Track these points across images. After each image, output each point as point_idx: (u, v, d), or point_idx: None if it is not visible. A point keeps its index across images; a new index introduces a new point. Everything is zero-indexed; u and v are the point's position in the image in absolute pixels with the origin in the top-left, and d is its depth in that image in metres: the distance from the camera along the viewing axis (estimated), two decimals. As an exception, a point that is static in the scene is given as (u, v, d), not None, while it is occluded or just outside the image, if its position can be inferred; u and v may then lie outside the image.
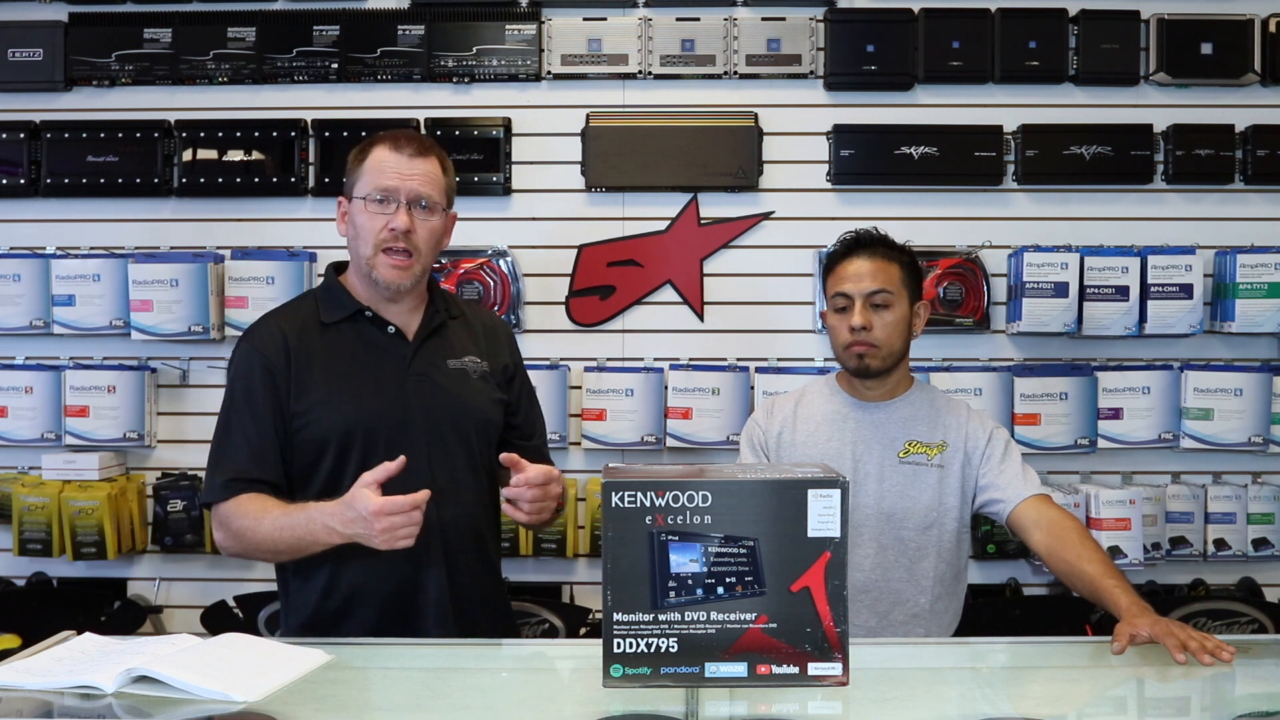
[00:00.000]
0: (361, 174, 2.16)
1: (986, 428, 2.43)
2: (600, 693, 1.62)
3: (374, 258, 2.13)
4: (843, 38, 3.46)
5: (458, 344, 2.24)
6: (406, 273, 2.13)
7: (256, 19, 3.50)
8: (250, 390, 2.13)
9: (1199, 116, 3.47)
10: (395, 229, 2.10)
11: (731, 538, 1.62)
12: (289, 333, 2.16)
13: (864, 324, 2.35)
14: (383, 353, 2.17)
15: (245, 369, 2.15)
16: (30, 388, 3.48)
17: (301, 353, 2.14)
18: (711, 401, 3.42)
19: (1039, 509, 2.29)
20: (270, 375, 2.13)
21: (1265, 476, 3.48)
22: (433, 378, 2.18)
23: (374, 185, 2.13)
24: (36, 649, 1.83)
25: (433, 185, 2.15)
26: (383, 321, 2.18)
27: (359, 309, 2.18)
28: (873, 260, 2.39)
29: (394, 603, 2.11)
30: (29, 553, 3.41)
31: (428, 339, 2.20)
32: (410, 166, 2.13)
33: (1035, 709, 1.77)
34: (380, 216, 2.12)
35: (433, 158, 2.17)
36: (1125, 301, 3.36)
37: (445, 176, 2.20)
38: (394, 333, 2.18)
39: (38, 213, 3.55)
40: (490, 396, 2.23)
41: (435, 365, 2.19)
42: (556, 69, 3.49)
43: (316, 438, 2.11)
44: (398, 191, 2.12)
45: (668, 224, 3.52)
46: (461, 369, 2.21)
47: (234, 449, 2.13)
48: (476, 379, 2.22)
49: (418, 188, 2.13)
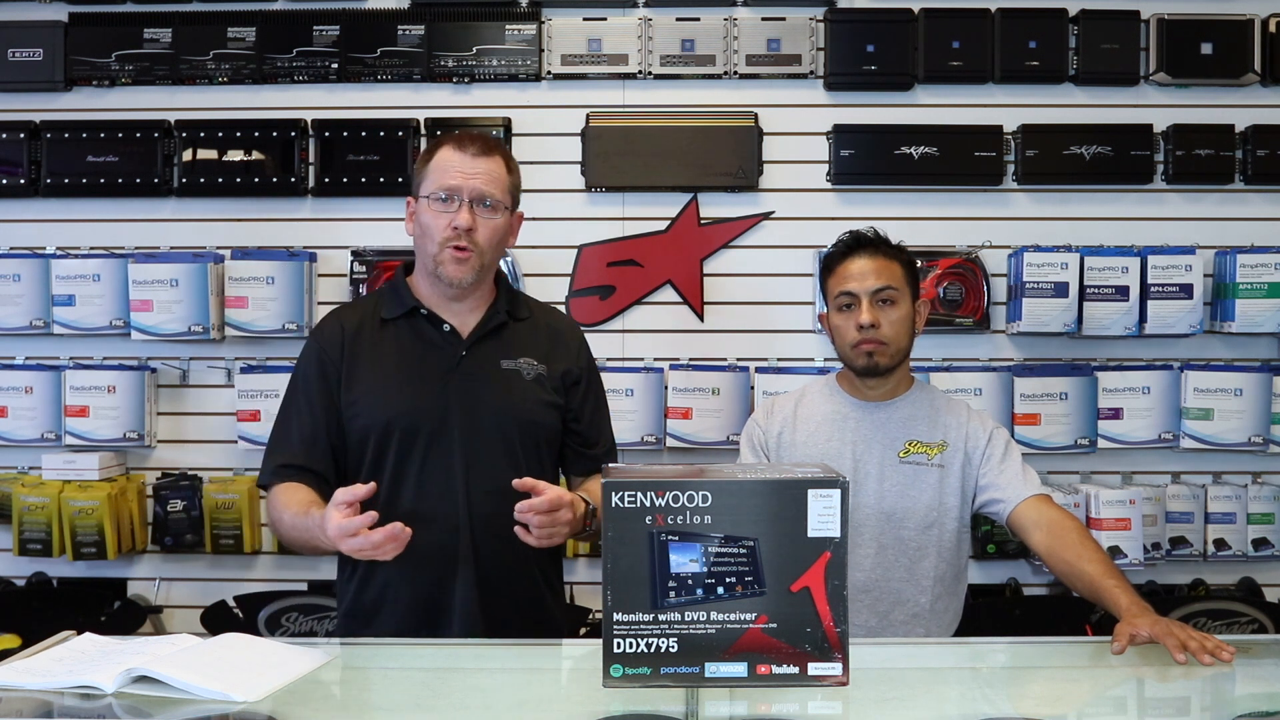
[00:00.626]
0: (427, 174, 2.19)
1: (987, 428, 2.43)
2: (600, 693, 1.62)
3: (439, 254, 2.16)
4: (843, 38, 3.46)
5: (515, 345, 2.24)
6: (466, 266, 2.15)
7: (256, 19, 3.50)
8: (307, 380, 2.22)
9: (1199, 116, 3.47)
10: (458, 227, 2.14)
11: (731, 538, 1.62)
12: (348, 326, 2.22)
13: (872, 321, 2.34)
14: (434, 350, 2.20)
15: (305, 360, 2.24)
16: (30, 388, 3.48)
17: (357, 346, 2.20)
18: (711, 401, 3.42)
19: (1039, 509, 2.29)
20: (324, 367, 2.20)
21: (1265, 476, 3.48)
22: (480, 377, 2.19)
23: (438, 184, 2.16)
24: (36, 649, 1.83)
25: (495, 184, 2.18)
26: (438, 320, 2.21)
27: (415, 306, 2.22)
28: (875, 259, 2.39)
29: (422, 602, 2.14)
30: (29, 553, 3.41)
31: (483, 339, 2.22)
32: (473, 165, 2.16)
33: (1035, 709, 1.77)
34: (444, 215, 2.15)
35: (497, 157, 2.20)
36: (1125, 301, 3.36)
37: (509, 176, 2.22)
38: (448, 331, 2.21)
39: (38, 213, 3.55)
40: (541, 399, 2.23)
41: (486, 365, 2.20)
42: (556, 69, 3.49)
43: (361, 429, 2.17)
44: (460, 190, 2.15)
45: (668, 224, 3.52)
46: (515, 370, 2.22)
47: (286, 436, 2.21)
48: (530, 380, 2.22)
49: (480, 186, 2.16)
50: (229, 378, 3.50)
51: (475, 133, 2.25)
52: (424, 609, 2.14)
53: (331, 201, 3.53)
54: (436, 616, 2.14)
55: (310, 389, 2.20)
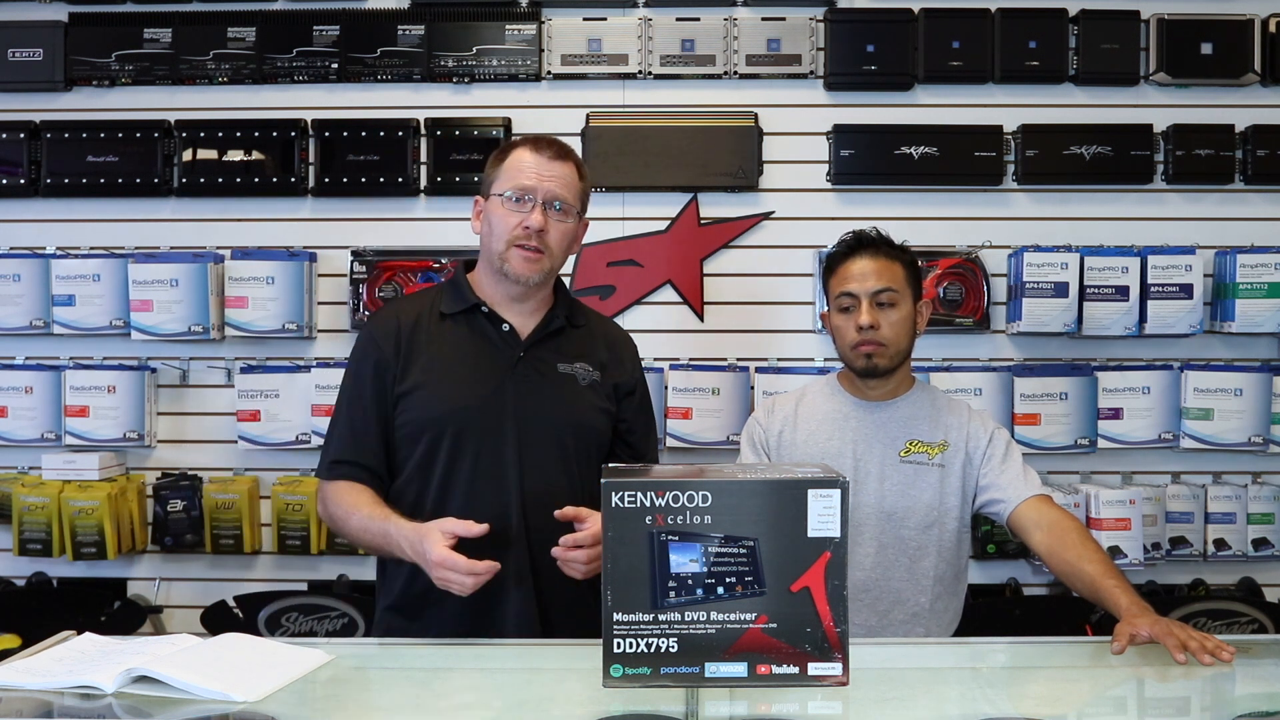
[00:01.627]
0: (501, 173, 2.20)
1: (988, 428, 2.43)
2: (600, 693, 1.62)
3: (506, 252, 2.16)
4: (843, 38, 3.46)
5: (572, 350, 2.25)
6: (536, 266, 2.16)
7: (256, 19, 3.50)
8: (360, 375, 2.21)
9: (1199, 116, 3.47)
10: (530, 227, 2.14)
11: (731, 538, 1.62)
12: (404, 320, 2.22)
13: (872, 323, 2.34)
14: (492, 348, 2.20)
15: (360, 354, 2.24)
16: (30, 388, 3.48)
17: (414, 340, 2.20)
18: (711, 401, 3.42)
19: (1040, 509, 2.29)
20: (379, 360, 2.19)
21: (1265, 476, 3.48)
22: (537, 379, 2.19)
23: (512, 184, 2.17)
24: (36, 649, 1.83)
25: (569, 189, 2.19)
26: (498, 318, 2.21)
27: (476, 303, 2.22)
28: (876, 259, 2.39)
29: (476, 605, 2.08)
30: (29, 553, 3.41)
31: (541, 341, 2.22)
32: (549, 168, 2.17)
33: (1035, 709, 1.77)
34: (516, 214, 2.16)
35: (571, 163, 2.21)
36: (1125, 301, 3.36)
37: (581, 183, 2.23)
38: (508, 330, 2.21)
39: (38, 213, 3.55)
40: (596, 405, 2.23)
41: (542, 367, 2.20)
42: (556, 69, 3.49)
43: (414, 423, 2.17)
44: (535, 191, 2.16)
45: (668, 224, 3.52)
46: (570, 374, 2.22)
47: (340, 431, 2.22)
48: (585, 386, 2.23)
49: (554, 189, 2.16)
50: (229, 378, 3.50)
51: (551, 137, 2.25)
52: (476, 608, 2.10)
53: (331, 201, 3.53)
54: (489, 615, 2.12)
55: (363, 382, 2.20)
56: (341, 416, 2.23)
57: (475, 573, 1.93)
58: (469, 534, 1.97)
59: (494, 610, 2.12)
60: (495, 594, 2.09)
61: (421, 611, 2.15)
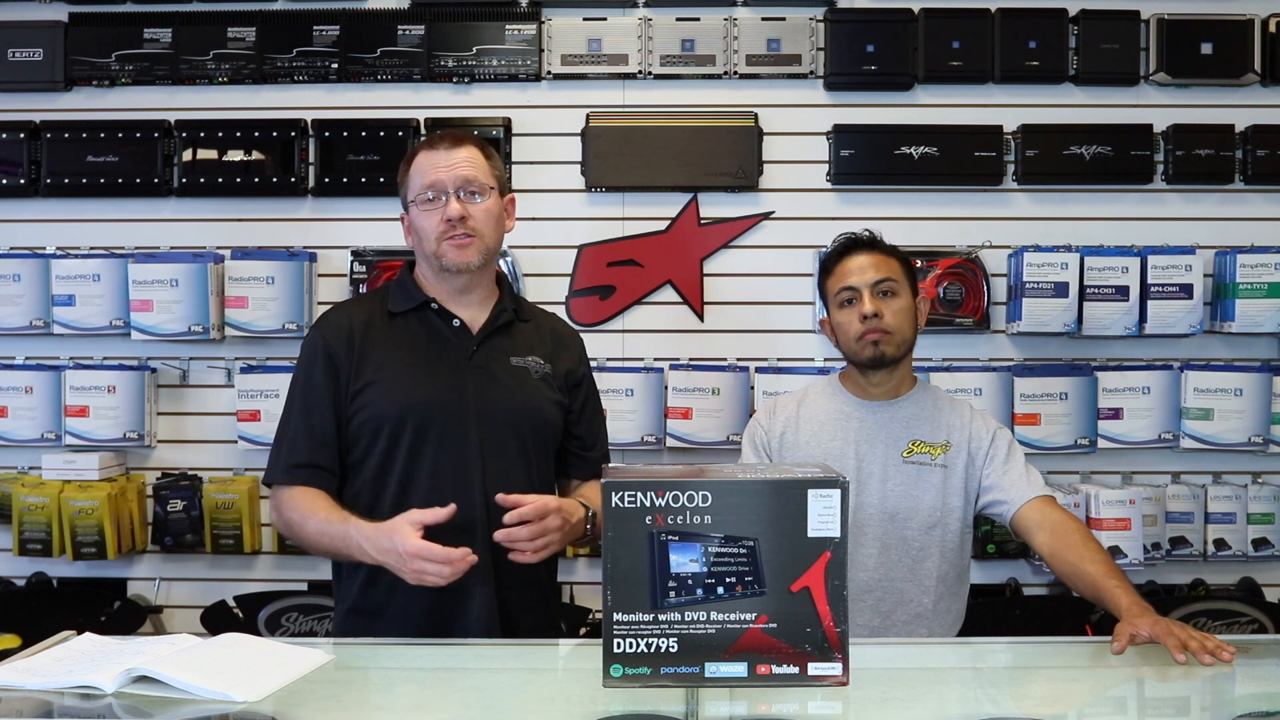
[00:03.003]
0: (409, 181, 2.23)
1: (990, 428, 2.42)
2: (600, 693, 1.62)
3: (439, 248, 2.18)
4: (843, 38, 3.46)
5: (523, 343, 2.26)
6: (471, 251, 2.17)
7: (256, 19, 3.49)
8: (311, 376, 2.20)
9: (1199, 116, 3.47)
10: (450, 218, 2.15)
11: (731, 538, 1.62)
12: (356, 320, 2.22)
13: (875, 310, 2.35)
14: (446, 344, 2.21)
15: (309, 355, 2.23)
16: (30, 388, 3.48)
17: (366, 339, 2.20)
18: (711, 401, 3.42)
19: (1043, 511, 2.29)
20: (331, 360, 2.19)
21: (1265, 476, 3.48)
22: (492, 372, 2.20)
23: (421, 185, 2.19)
24: (36, 649, 1.83)
25: (476, 169, 2.19)
26: (448, 314, 2.22)
27: (426, 300, 2.23)
28: (873, 255, 2.42)
29: (437, 604, 2.09)
30: (29, 553, 3.41)
31: (492, 335, 2.23)
32: (449, 158, 2.18)
33: (1035, 709, 1.77)
34: (434, 212, 2.18)
35: (470, 145, 2.22)
36: (1125, 301, 3.35)
37: (489, 160, 2.23)
38: (459, 325, 2.22)
39: (38, 213, 3.55)
40: (549, 398, 2.24)
41: (496, 360, 2.21)
42: (556, 69, 3.49)
43: (371, 421, 2.16)
44: (444, 184, 2.17)
45: (668, 224, 3.52)
46: (523, 368, 2.23)
47: (294, 433, 2.20)
48: (537, 379, 2.24)
49: (461, 174, 2.17)
50: (229, 378, 3.50)
51: (444, 131, 2.27)
52: (438, 607, 2.10)
53: (331, 201, 3.53)
54: (451, 615, 2.11)
55: (316, 384, 2.19)
56: (295, 419, 2.20)
57: (452, 560, 1.92)
58: (436, 520, 1.96)
59: (456, 609, 2.11)
60: (458, 592, 2.07)
61: (382, 612, 2.14)
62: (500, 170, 2.27)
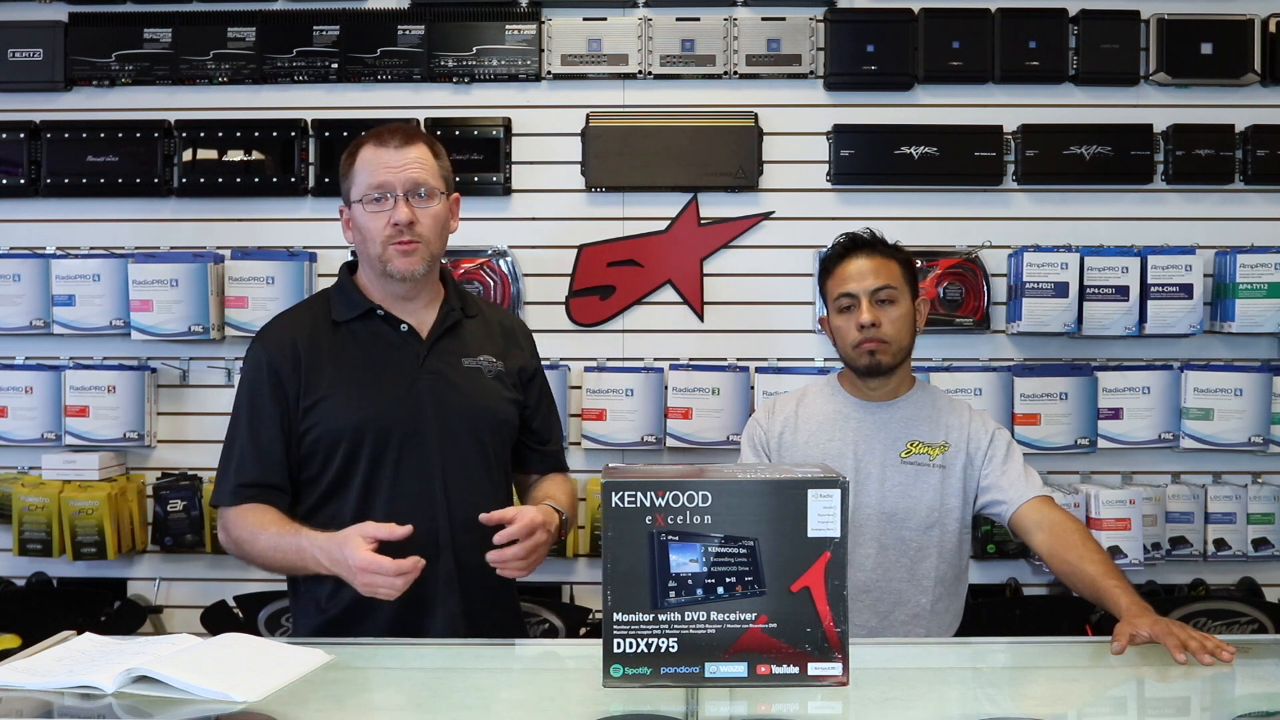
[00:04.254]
0: (354, 177, 2.15)
1: (988, 428, 2.43)
2: (600, 693, 1.62)
3: (384, 252, 2.12)
4: (843, 38, 3.46)
5: (473, 343, 2.22)
6: (417, 258, 2.12)
7: (256, 19, 3.49)
8: (257, 394, 2.15)
9: (1199, 116, 3.47)
10: (398, 223, 2.09)
11: (731, 538, 1.62)
12: (299, 334, 2.16)
13: (873, 320, 2.35)
14: (395, 351, 2.16)
15: (253, 372, 2.16)
16: (30, 388, 3.47)
17: (311, 353, 2.14)
18: (711, 401, 3.42)
19: (1041, 510, 2.29)
20: (277, 377, 2.13)
21: (1265, 476, 3.48)
22: (446, 376, 2.16)
23: (368, 184, 2.12)
24: (36, 649, 1.83)
25: (426, 171, 2.13)
26: (395, 320, 2.18)
27: (371, 307, 2.18)
28: (873, 258, 2.40)
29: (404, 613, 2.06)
30: (29, 553, 3.41)
31: (441, 338, 2.19)
32: (400, 158, 2.11)
33: (1035, 709, 1.77)
34: (381, 214, 2.11)
35: (420, 144, 2.15)
36: (1125, 301, 3.35)
37: (438, 160, 2.17)
38: (407, 331, 2.17)
39: (38, 213, 3.55)
40: (504, 396, 2.22)
41: (449, 364, 2.18)
42: (556, 69, 3.49)
43: (327, 436, 2.11)
44: (392, 185, 2.10)
45: (668, 224, 3.52)
46: (476, 368, 2.20)
47: (241, 453, 2.15)
48: (491, 378, 2.20)
49: (412, 176, 2.11)
50: (229, 378, 3.49)
51: (393, 126, 2.19)
52: (403, 616, 2.07)
53: (331, 201, 3.50)
54: (417, 623, 2.09)
55: (260, 402, 2.13)
56: (240, 439, 2.14)
57: (402, 572, 1.89)
58: (391, 537, 1.92)
59: (422, 618, 2.09)
60: (424, 601, 2.06)
61: (349, 626, 2.09)
62: (448, 169, 2.20)
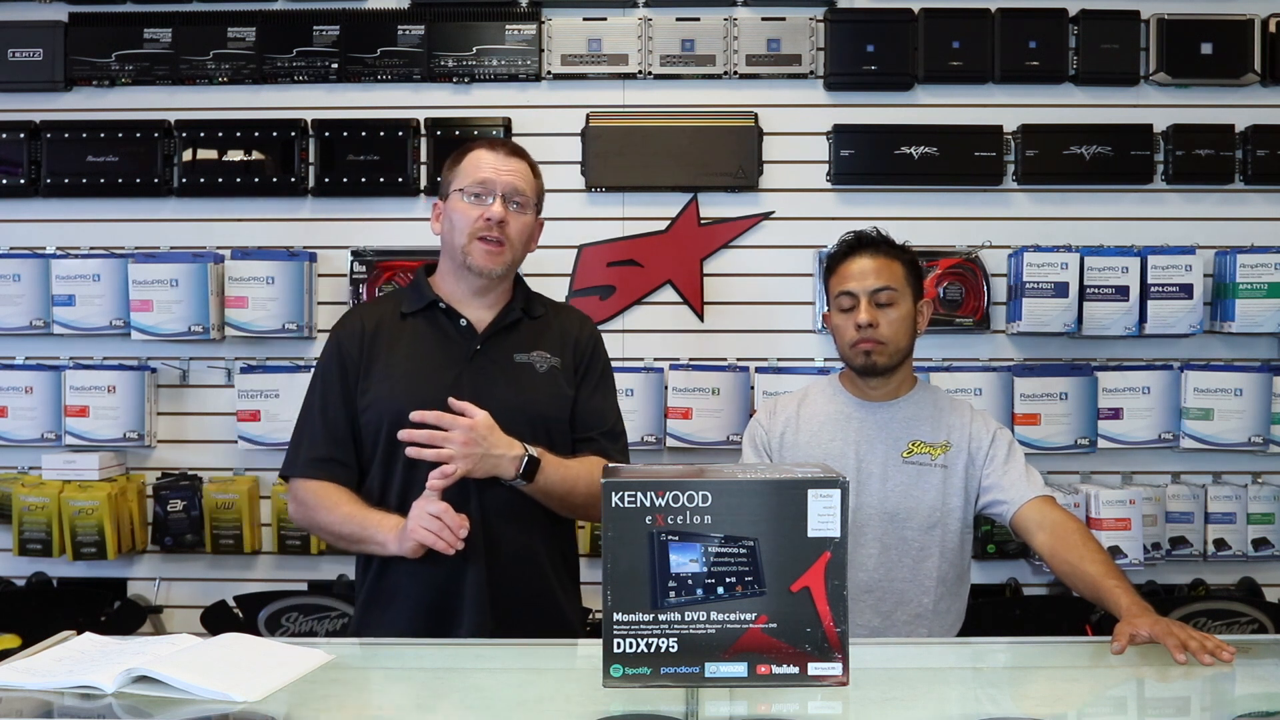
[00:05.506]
0: (459, 172, 2.27)
1: (990, 428, 2.42)
2: (600, 693, 1.62)
3: (469, 245, 2.23)
4: (843, 38, 3.46)
5: (529, 340, 2.30)
6: (498, 258, 2.22)
7: (256, 19, 3.50)
8: (328, 374, 2.28)
9: (1199, 116, 3.47)
10: (491, 218, 2.20)
11: (731, 538, 1.62)
12: (369, 322, 2.29)
13: (870, 320, 2.35)
14: (450, 343, 2.26)
15: (326, 357, 2.31)
16: (30, 388, 3.48)
17: (376, 340, 2.27)
18: (711, 401, 3.42)
19: (1043, 511, 2.29)
20: (343, 361, 2.26)
21: (1265, 476, 3.48)
22: (494, 370, 2.24)
23: (471, 179, 2.24)
24: (36, 649, 1.83)
25: (526, 183, 2.27)
26: (455, 314, 2.28)
27: (434, 300, 2.28)
28: (876, 258, 2.40)
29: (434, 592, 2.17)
30: (29, 553, 3.41)
31: (497, 333, 2.27)
32: (506, 163, 2.25)
33: (1035, 709, 1.77)
34: (477, 208, 2.23)
35: (525, 160, 2.30)
36: (1125, 301, 3.36)
37: (536, 180, 2.32)
38: (465, 325, 2.27)
39: (38, 213, 3.55)
40: (552, 392, 2.28)
41: (499, 358, 2.26)
42: (556, 69, 3.49)
43: (374, 419, 2.23)
44: (494, 185, 2.23)
45: (668, 224, 3.52)
46: (527, 364, 2.27)
47: (312, 428, 2.27)
48: (543, 374, 2.27)
49: (513, 182, 2.24)
50: (229, 378, 3.50)
51: (504, 139, 2.35)
52: (436, 600, 2.18)
53: (331, 201, 3.53)
54: (447, 607, 2.18)
55: (331, 383, 2.27)
56: (314, 415, 2.27)
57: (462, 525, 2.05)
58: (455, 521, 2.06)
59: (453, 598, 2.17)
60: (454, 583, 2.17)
61: (390, 603, 2.22)
62: (542, 192, 2.34)
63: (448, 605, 2.18)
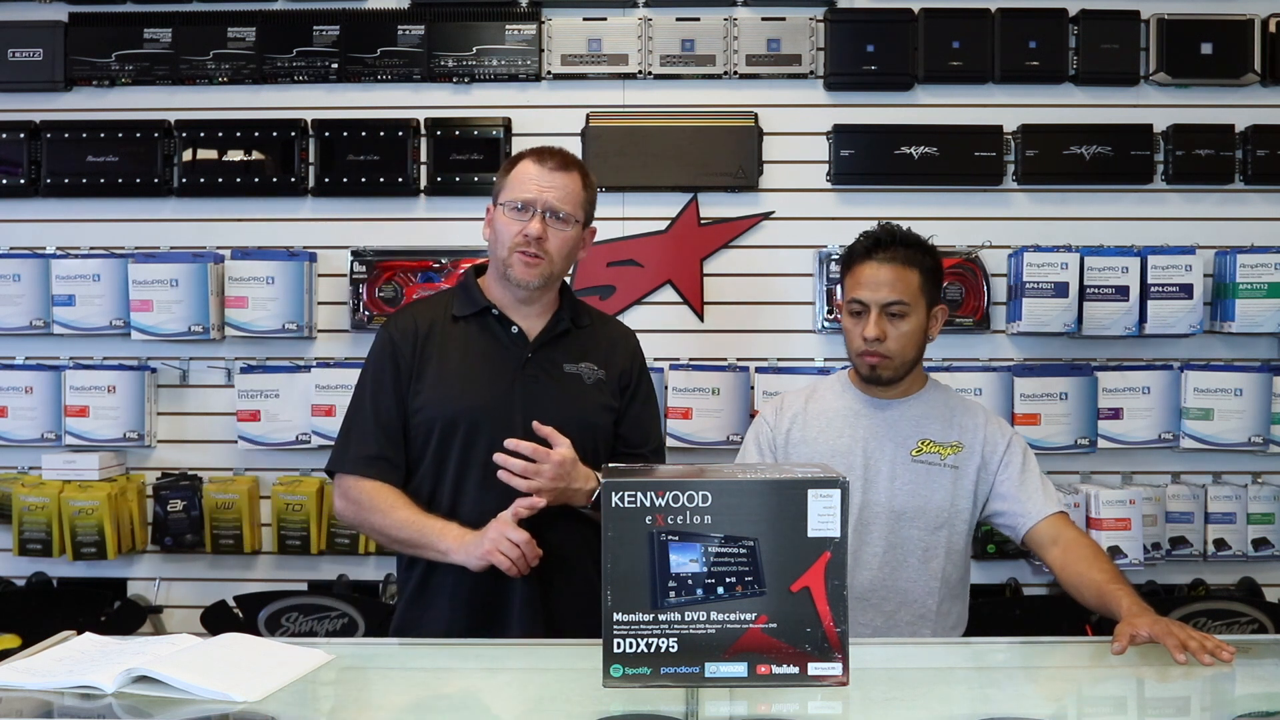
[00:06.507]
0: (506, 184, 2.30)
1: (1005, 434, 2.40)
2: (600, 693, 1.62)
3: (509, 257, 2.25)
4: (843, 38, 3.46)
5: (577, 350, 2.33)
6: (535, 271, 2.24)
7: (256, 19, 3.50)
8: (381, 372, 2.30)
9: (1199, 116, 3.47)
10: (529, 235, 2.23)
11: (731, 538, 1.62)
12: (422, 321, 2.31)
13: (878, 335, 2.32)
14: (502, 350, 2.29)
15: (379, 352, 2.32)
16: (30, 388, 3.48)
17: (429, 341, 2.29)
18: (711, 401, 3.42)
19: (1058, 527, 2.28)
20: (396, 359, 2.28)
21: (1265, 476, 3.48)
22: (544, 379, 2.27)
23: (514, 195, 2.27)
24: (36, 649, 1.83)
25: (568, 200, 2.27)
26: (507, 321, 2.30)
27: (487, 306, 2.30)
28: (893, 267, 2.34)
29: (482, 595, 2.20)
30: (29, 553, 3.41)
31: (547, 343, 2.30)
32: (549, 179, 2.26)
33: (1035, 709, 1.77)
34: (517, 223, 2.25)
35: (574, 173, 2.30)
36: (1125, 301, 3.36)
37: (584, 192, 2.32)
38: (516, 333, 2.30)
39: (38, 213, 3.55)
40: (599, 403, 2.31)
41: (549, 368, 2.29)
42: (556, 69, 3.49)
43: (426, 422, 2.25)
44: (534, 203, 2.25)
45: (668, 224, 3.52)
46: (576, 374, 2.31)
47: (362, 424, 2.28)
48: (590, 384, 2.31)
49: (553, 200, 2.25)
50: (229, 378, 3.50)
51: (556, 148, 2.34)
52: (483, 603, 2.20)
53: (331, 201, 3.53)
54: (495, 611, 2.20)
55: (383, 380, 2.28)
56: (366, 412, 2.28)
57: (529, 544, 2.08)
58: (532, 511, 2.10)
59: (501, 602, 2.20)
60: (503, 588, 2.18)
61: (434, 603, 2.25)
62: (592, 203, 2.35)
63: (496, 606, 2.20)
